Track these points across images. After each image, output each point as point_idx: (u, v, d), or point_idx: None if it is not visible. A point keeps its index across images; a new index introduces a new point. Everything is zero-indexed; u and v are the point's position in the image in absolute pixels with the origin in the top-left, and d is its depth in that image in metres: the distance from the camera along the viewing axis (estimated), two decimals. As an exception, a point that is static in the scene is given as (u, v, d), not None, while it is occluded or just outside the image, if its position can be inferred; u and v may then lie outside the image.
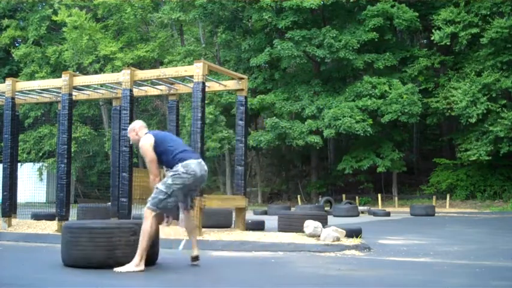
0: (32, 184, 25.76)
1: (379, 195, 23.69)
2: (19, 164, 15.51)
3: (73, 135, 24.56)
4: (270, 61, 26.13)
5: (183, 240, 6.49)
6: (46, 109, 31.81)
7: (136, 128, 5.39)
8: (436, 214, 17.72)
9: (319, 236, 7.15)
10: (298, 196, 26.19)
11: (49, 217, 10.63)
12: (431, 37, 23.76)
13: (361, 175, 26.42)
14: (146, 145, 5.18)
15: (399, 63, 25.36)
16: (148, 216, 5.07)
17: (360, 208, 18.55)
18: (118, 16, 29.53)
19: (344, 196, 24.44)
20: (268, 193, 30.29)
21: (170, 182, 5.10)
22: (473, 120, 21.58)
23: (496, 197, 23.26)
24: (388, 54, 24.64)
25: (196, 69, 8.12)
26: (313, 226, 7.32)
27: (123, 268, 5.02)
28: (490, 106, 21.55)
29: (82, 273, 4.96)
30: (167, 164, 5.27)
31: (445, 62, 24.68)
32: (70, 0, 29.84)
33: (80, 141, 29.04)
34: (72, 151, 10.47)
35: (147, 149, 5.16)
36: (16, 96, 9.81)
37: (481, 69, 22.54)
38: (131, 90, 8.53)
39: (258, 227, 9.51)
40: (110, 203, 9.61)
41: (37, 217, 10.92)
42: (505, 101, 22.05)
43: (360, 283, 4.65)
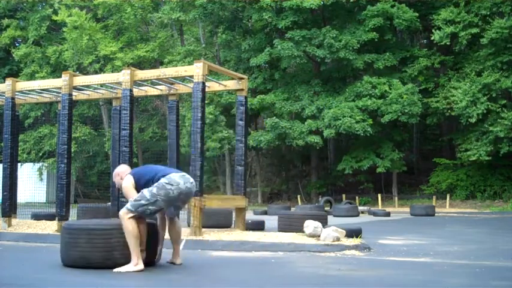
0: (32, 184, 25.80)
1: (379, 195, 23.68)
2: (19, 164, 15.54)
3: (73, 135, 24.57)
4: (270, 61, 26.12)
5: (183, 240, 6.49)
6: (46, 109, 31.79)
7: (120, 173, 5.49)
8: (436, 214, 17.71)
9: (319, 236, 7.15)
10: (298, 196, 26.18)
11: (49, 217, 10.62)
12: (431, 37, 23.74)
13: (361, 175, 26.41)
14: (127, 187, 5.28)
15: (399, 63, 25.34)
16: (123, 216, 5.08)
17: (360, 208, 18.54)
18: (118, 16, 29.50)
19: (344, 196, 24.43)
20: (268, 193, 30.28)
21: (155, 192, 5.13)
22: (473, 120, 21.58)
23: (496, 197, 23.25)
24: (388, 54, 24.62)
25: (196, 69, 8.11)
26: (313, 226, 7.32)
27: (122, 268, 5.04)
28: (490, 106, 21.55)
29: (81, 273, 4.97)
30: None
31: (445, 62, 24.66)
32: (70, 0, 29.82)
33: (80, 141, 29.03)
34: (72, 151, 10.47)
35: (128, 190, 5.27)
36: (16, 96, 9.81)
37: (481, 69, 22.53)
38: (131, 90, 8.53)
39: (258, 227, 9.51)
40: (110, 203, 9.61)
41: (37, 217, 10.91)
42: (505, 101, 22.04)
43: (360, 283, 4.65)
